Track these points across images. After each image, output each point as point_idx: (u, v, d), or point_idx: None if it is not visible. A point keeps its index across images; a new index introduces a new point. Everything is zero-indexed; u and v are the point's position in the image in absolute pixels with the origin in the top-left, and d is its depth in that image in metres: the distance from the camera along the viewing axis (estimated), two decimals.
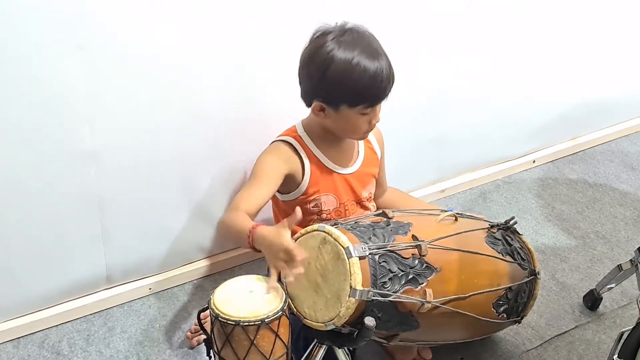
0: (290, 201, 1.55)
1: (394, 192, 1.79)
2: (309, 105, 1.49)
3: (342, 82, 1.42)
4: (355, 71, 1.40)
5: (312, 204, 1.55)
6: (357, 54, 1.40)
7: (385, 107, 1.50)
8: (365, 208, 1.62)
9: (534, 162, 2.41)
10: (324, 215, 1.56)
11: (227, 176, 1.72)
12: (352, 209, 1.59)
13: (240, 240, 1.34)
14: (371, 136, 1.63)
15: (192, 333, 1.62)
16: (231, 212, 1.43)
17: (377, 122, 1.49)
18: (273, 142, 1.56)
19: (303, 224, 1.52)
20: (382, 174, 1.71)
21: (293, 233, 1.38)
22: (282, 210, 1.60)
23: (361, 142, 1.62)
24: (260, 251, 1.30)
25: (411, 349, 1.59)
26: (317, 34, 1.45)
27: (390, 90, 1.46)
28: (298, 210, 1.27)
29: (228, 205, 1.72)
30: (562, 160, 2.46)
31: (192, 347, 1.61)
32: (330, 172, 1.56)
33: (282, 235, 1.24)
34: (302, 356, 1.36)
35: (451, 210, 1.57)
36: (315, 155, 1.54)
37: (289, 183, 1.53)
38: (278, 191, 1.54)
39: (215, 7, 1.50)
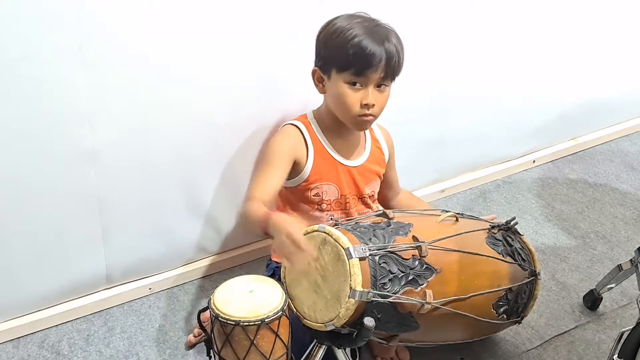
0: (292, 188, 1.55)
1: (407, 196, 1.78)
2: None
3: (332, 41, 1.43)
4: (346, 34, 1.41)
5: (313, 192, 1.54)
6: (357, 26, 1.41)
7: (386, 107, 1.50)
8: (367, 205, 1.62)
9: (534, 162, 2.40)
10: (324, 206, 1.55)
11: (227, 176, 1.72)
12: (353, 203, 1.59)
13: (257, 227, 1.33)
14: (379, 135, 1.63)
15: (195, 337, 1.61)
16: (248, 204, 1.42)
17: (367, 104, 1.43)
18: (283, 125, 1.57)
19: (303, 212, 1.53)
20: (392, 175, 1.71)
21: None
22: (283, 197, 1.59)
23: (368, 139, 1.61)
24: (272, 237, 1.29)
25: (390, 347, 1.56)
26: None
27: (384, 73, 1.42)
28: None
29: (227, 204, 1.74)
30: (562, 160, 2.46)
31: (190, 346, 1.61)
32: (334, 162, 1.55)
33: (291, 222, 1.25)
34: (307, 352, 1.36)
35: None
36: (321, 142, 1.54)
37: (293, 168, 1.52)
38: None
39: (216, 6, 1.49)
